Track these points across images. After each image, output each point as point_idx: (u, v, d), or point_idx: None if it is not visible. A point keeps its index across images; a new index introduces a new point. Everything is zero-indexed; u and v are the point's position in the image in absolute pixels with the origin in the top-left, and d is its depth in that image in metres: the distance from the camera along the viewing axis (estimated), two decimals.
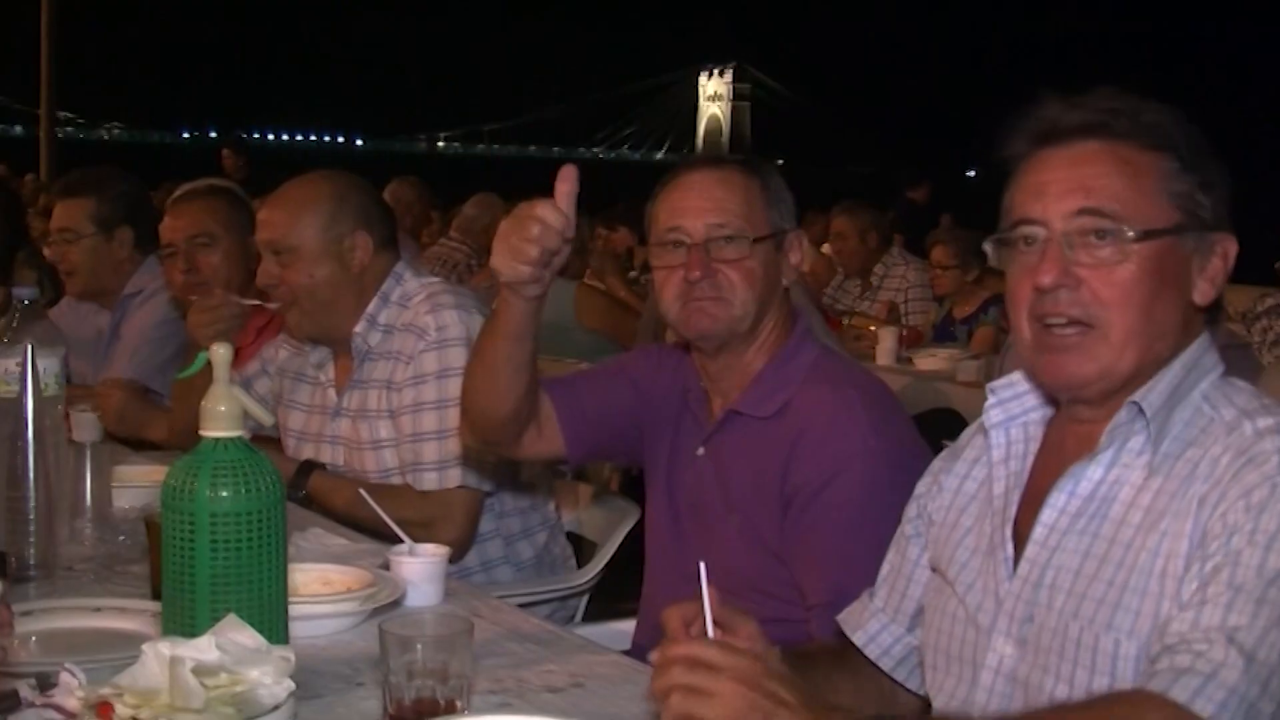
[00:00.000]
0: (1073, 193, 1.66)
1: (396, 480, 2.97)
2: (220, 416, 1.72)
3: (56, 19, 17.15)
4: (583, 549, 3.27)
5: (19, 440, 2.27)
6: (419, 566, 2.23)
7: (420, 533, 2.82)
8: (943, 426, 5.00)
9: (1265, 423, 1.59)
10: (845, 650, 2.03)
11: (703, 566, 1.61)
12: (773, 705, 1.44)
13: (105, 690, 1.46)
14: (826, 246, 11.47)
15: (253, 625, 1.55)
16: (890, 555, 2.00)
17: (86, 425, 2.84)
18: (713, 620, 1.59)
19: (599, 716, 1.77)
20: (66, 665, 1.50)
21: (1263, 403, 1.64)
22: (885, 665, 1.96)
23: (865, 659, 2.00)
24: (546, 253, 2.11)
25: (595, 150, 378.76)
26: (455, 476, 2.89)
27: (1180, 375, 1.66)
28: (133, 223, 4.24)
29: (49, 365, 2.47)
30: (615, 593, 3.09)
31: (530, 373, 2.35)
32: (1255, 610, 1.46)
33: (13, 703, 1.49)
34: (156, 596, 1.96)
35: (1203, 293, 1.68)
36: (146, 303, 4.16)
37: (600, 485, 3.67)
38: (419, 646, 1.64)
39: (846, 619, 2.02)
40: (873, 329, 6.44)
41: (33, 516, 2.29)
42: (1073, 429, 1.75)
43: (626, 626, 2.67)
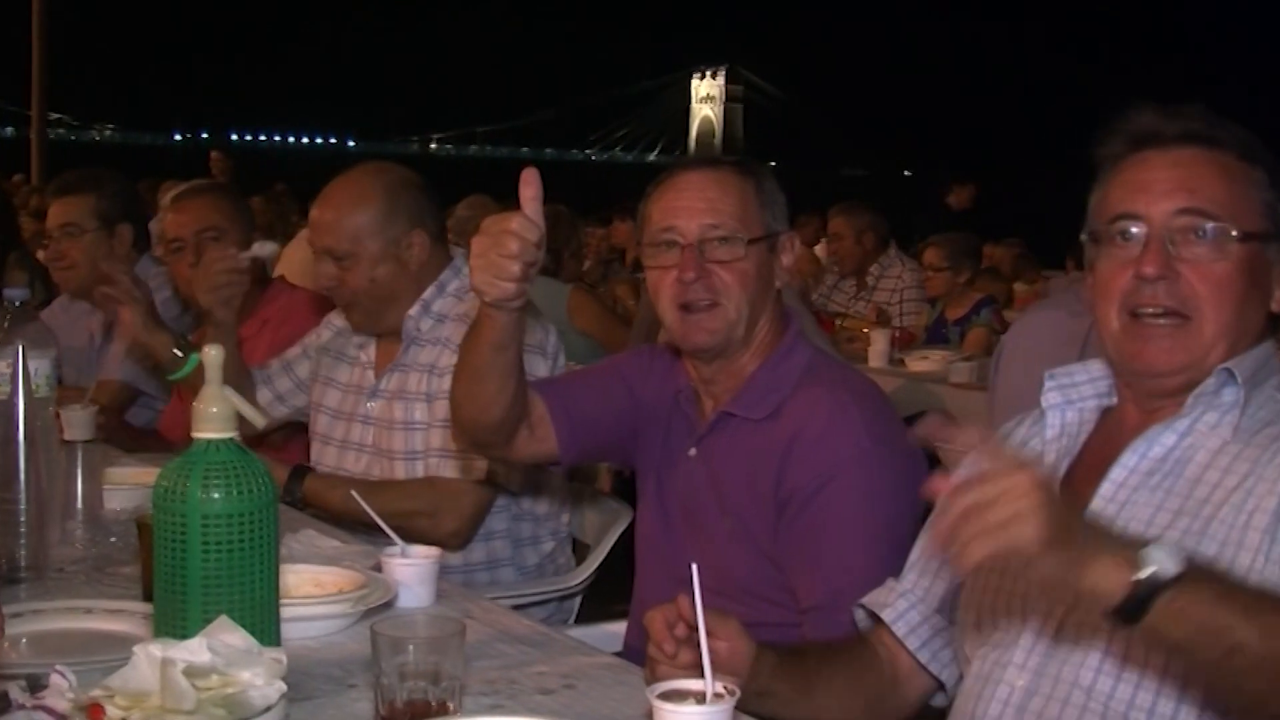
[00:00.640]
0: (1175, 192, 1.73)
1: (421, 464, 2.99)
2: (212, 418, 1.72)
3: (48, 19, 17.12)
4: (575, 550, 3.27)
5: (10, 442, 2.27)
6: (411, 568, 2.23)
7: (424, 522, 2.86)
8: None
9: None
10: (840, 645, 2.04)
11: (695, 569, 1.61)
12: (1064, 511, 1.42)
13: (96, 692, 1.46)
14: (819, 247, 11.50)
15: (244, 627, 1.55)
16: (921, 540, 2.02)
17: (78, 424, 2.83)
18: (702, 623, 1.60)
19: (591, 718, 1.76)
20: (57, 667, 1.49)
21: None
22: (911, 645, 1.97)
23: (864, 651, 2.00)
24: (526, 266, 2.10)
25: (588, 152, 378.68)
26: (482, 469, 2.91)
27: (1260, 361, 1.75)
28: (131, 220, 4.27)
29: (40, 367, 2.47)
30: (608, 594, 3.09)
31: (517, 377, 2.35)
32: None
33: (3, 704, 1.49)
34: (148, 598, 1.96)
35: (1278, 301, 1.78)
36: None
37: (593, 486, 3.67)
38: (411, 648, 1.63)
39: (872, 600, 2.03)
40: (865, 331, 6.45)
41: (23, 518, 2.28)
42: (1141, 413, 1.80)
43: (618, 628, 2.67)
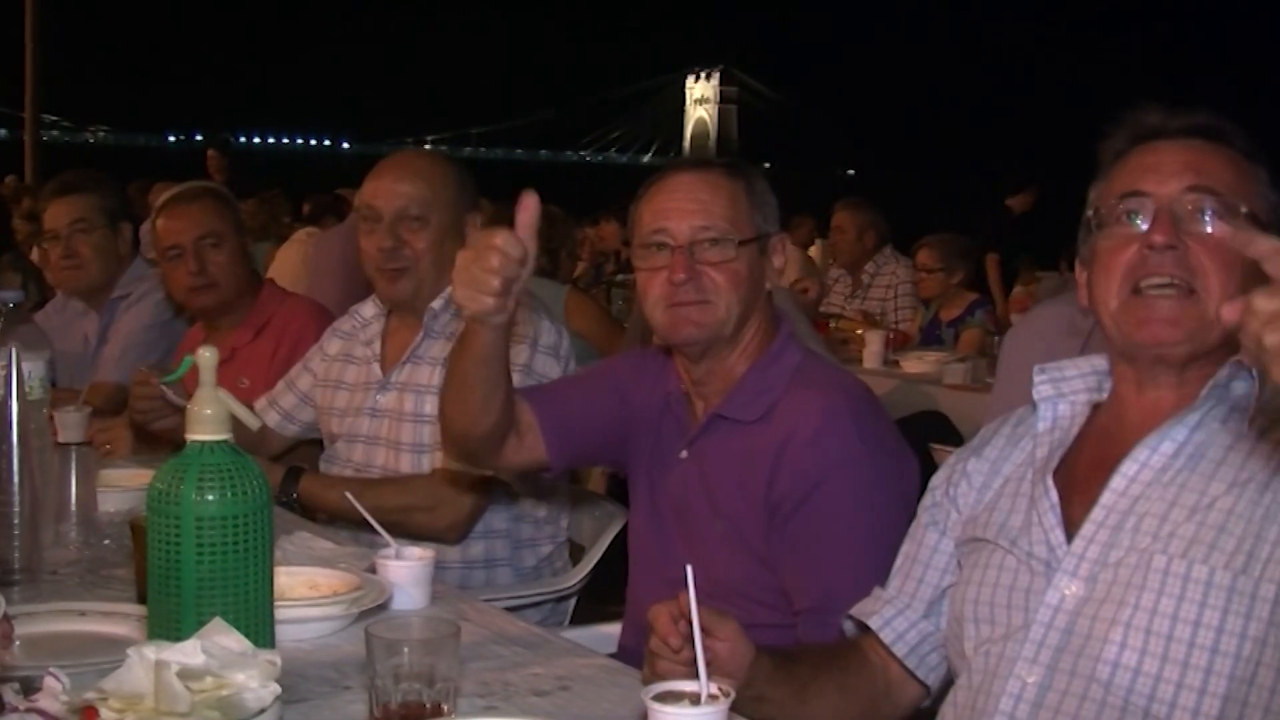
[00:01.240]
0: (1183, 172, 1.75)
1: (428, 456, 3.01)
2: (206, 420, 1.72)
3: (41, 21, 17.09)
4: (570, 552, 3.27)
5: (4, 444, 2.27)
6: (405, 570, 2.23)
7: (422, 516, 2.90)
8: (930, 429, 5.00)
9: None
10: (834, 650, 2.04)
11: (689, 570, 1.61)
12: None
13: (90, 694, 1.45)
14: (814, 249, 11.51)
15: (239, 629, 1.54)
16: (905, 546, 2.03)
17: (72, 426, 2.83)
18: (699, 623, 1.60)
19: (585, 719, 1.77)
20: (51, 669, 1.49)
21: None
22: (899, 651, 1.97)
23: (856, 656, 2.01)
24: (507, 282, 2.10)
25: (582, 153, 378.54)
26: None
27: None
28: (130, 220, 4.29)
29: (34, 369, 2.47)
30: (603, 596, 3.09)
31: (505, 388, 2.35)
32: None
33: None
34: (142, 600, 1.95)
35: None
36: (134, 306, 4.17)
37: (587, 488, 3.67)
38: (405, 650, 1.63)
39: (860, 609, 2.04)
40: (858, 332, 6.45)
41: (17, 520, 2.28)
42: (1141, 401, 1.80)
43: (613, 629, 2.67)
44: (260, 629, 1.70)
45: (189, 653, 1.47)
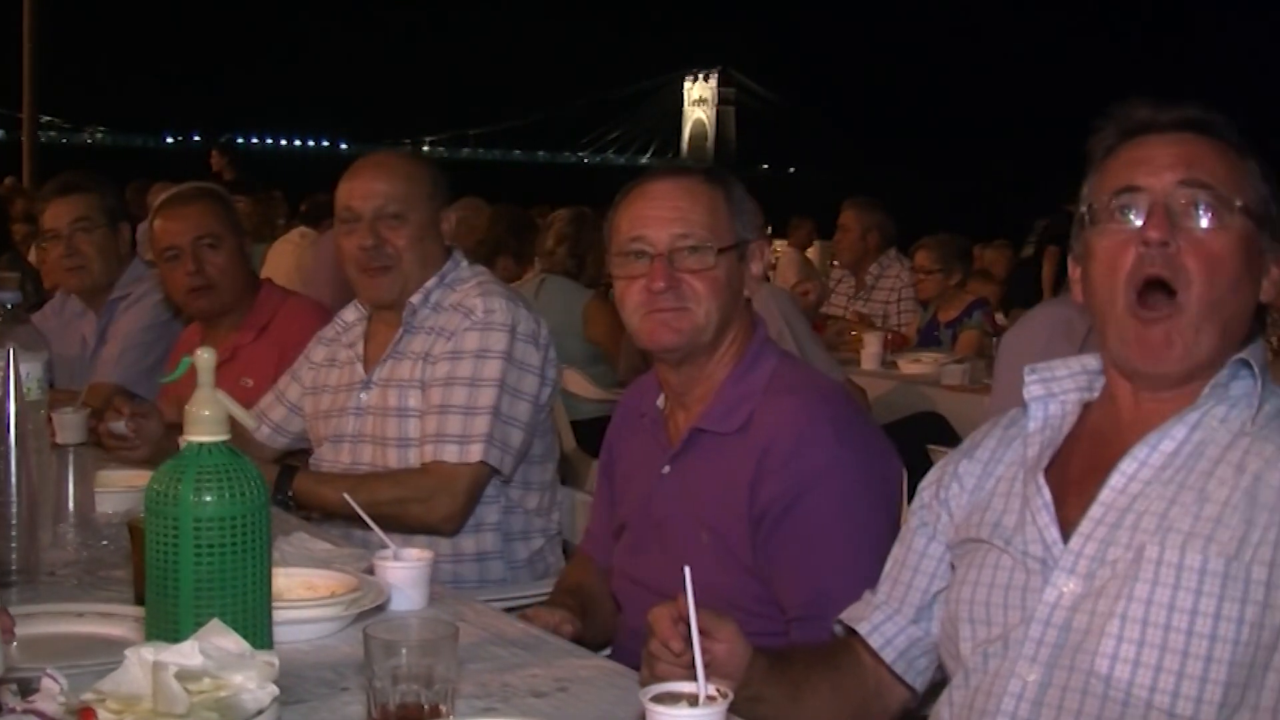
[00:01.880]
0: (1176, 166, 1.74)
1: (415, 451, 3.02)
2: (204, 421, 1.72)
3: (39, 22, 17.09)
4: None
5: (1, 445, 2.26)
6: (403, 571, 2.22)
7: (418, 508, 2.92)
8: (928, 430, 5.01)
9: None
10: (826, 650, 2.04)
11: (688, 571, 1.61)
12: None
13: (88, 696, 1.45)
14: (812, 250, 11.53)
15: (236, 630, 1.54)
16: (894, 551, 2.02)
17: (70, 427, 2.83)
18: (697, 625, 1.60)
19: None
20: (48, 671, 1.49)
21: None
22: (887, 656, 1.97)
23: (848, 657, 2.00)
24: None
25: (580, 154, 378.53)
26: (477, 452, 2.94)
27: (1264, 354, 1.76)
28: (128, 221, 4.29)
29: (31, 370, 2.47)
30: None
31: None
32: None
33: None
34: (140, 601, 1.95)
35: (1266, 292, 1.77)
36: (133, 307, 4.17)
37: (585, 490, 3.66)
38: (403, 651, 1.63)
39: (849, 614, 2.03)
40: (855, 334, 6.46)
41: (15, 521, 2.28)
42: (1139, 404, 1.79)
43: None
44: (258, 630, 1.70)
45: (187, 654, 1.47)
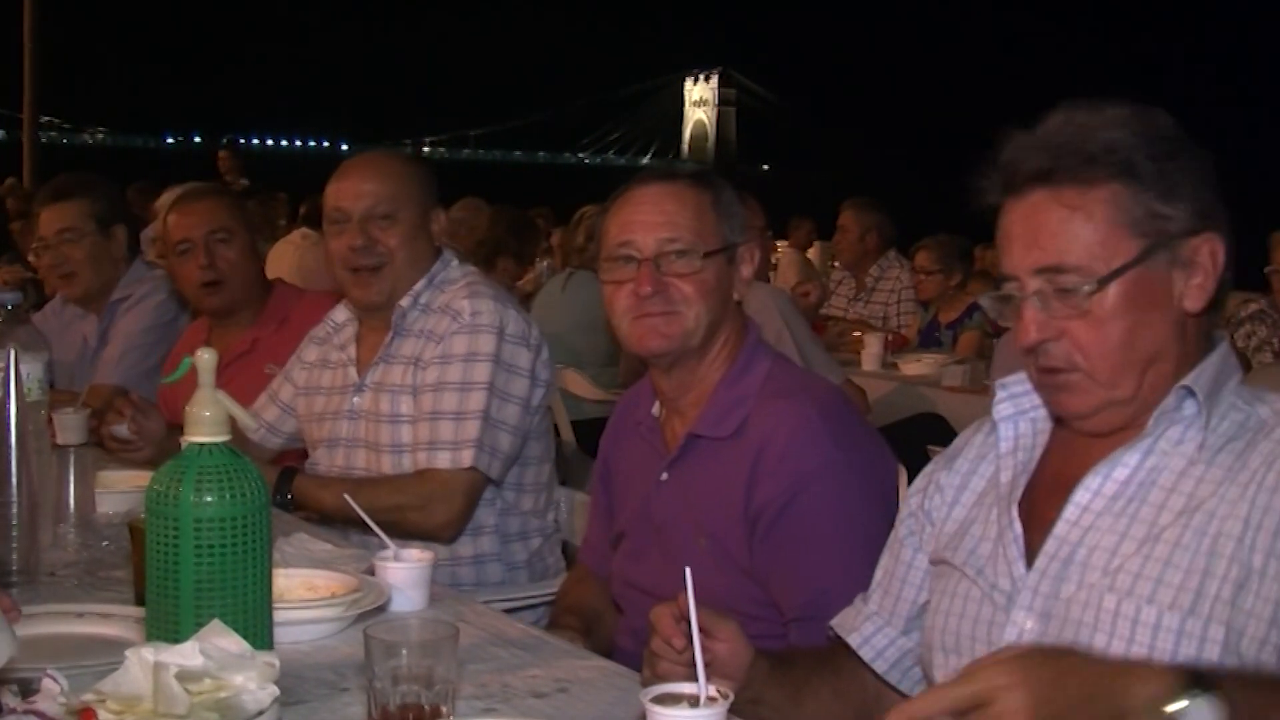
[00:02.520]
0: (1031, 249, 1.68)
1: (409, 456, 3.02)
2: (204, 421, 1.72)
3: (40, 23, 17.10)
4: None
5: (2, 445, 2.27)
6: (404, 572, 2.22)
7: (416, 515, 2.91)
8: (928, 431, 5.00)
9: None
10: (826, 653, 2.03)
11: (688, 572, 1.61)
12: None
13: (88, 696, 1.45)
14: (812, 250, 11.51)
15: (237, 631, 1.54)
16: (884, 560, 2.01)
17: (70, 427, 2.83)
18: (698, 625, 1.59)
19: None
20: (49, 671, 1.49)
21: None
22: (879, 668, 1.96)
23: (848, 661, 2.00)
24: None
25: (581, 155, 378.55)
26: (468, 458, 2.94)
27: (1217, 368, 1.69)
28: (125, 222, 4.27)
29: (32, 370, 2.47)
30: None
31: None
32: None
33: None
34: (140, 602, 1.95)
35: (1194, 299, 1.68)
36: (134, 308, 4.16)
37: (584, 491, 3.67)
38: (404, 652, 1.63)
39: (840, 623, 2.02)
40: (856, 334, 6.46)
41: (15, 521, 2.28)
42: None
43: None
44: (258, 631, 1.70)
45: (187, 654, 1.47)
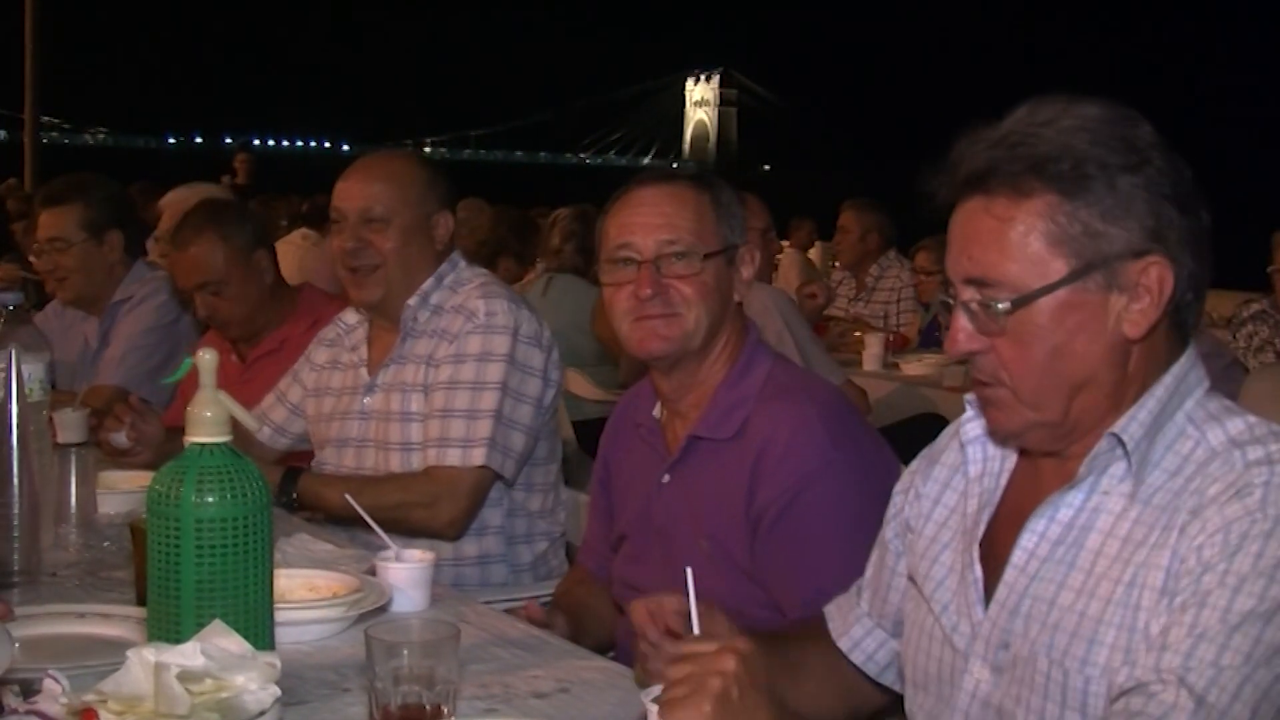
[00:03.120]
0: (960, 258, 1.63)
1: (418, 454, 3.02)
2: (205, 422, 1.72)
3: (40, 23, 17.10)
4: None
5: (3, 446, 2.27)
6: (405, 572, 2.23)
7: (421, 512, 2.91)
8: (929, 431, 4.98)
9: (1256, 453, 1.53)
10: (816, 629, 2.02)
11: (689, 572, 1.61)
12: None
13: (89, 696, 1.45)
14: (813, 251, 11.51)
15: (238, 631, 1.54)
16: (874, 557, 1.99)
17: (71, 427, 2.83)
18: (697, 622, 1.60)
19: None
20: (50, 671, 1.49)
21: (1253, 431, 1.57)
22: (870, 671, 1.95)
23: (833, 645, 1.98)
24: None
25: (582, 155, 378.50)
26: (479, 456, 2.94)
27: (1162, 402, 1.60)
28: (121, 226, 4.24)
29: (34, 370, 2.47)
30: None
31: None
32: (1215, 657, 1.43)
33: None
34: (141, 602, 1.95)
35: (1134, 325, 1.58)
36: (135, 309, 4.16)
37: (586, 492, 3.67)
38: (405, 652, 1.63)
39: (833, 617, 2.01)
40: (858, 335, 6.45)
41: (17, 522, 2.28)
42: (1056, 463, 1.69)
43: None
44: (260, 631, 1.70)
45: (189, 655, 1.47)
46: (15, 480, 2.27)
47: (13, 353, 2.29)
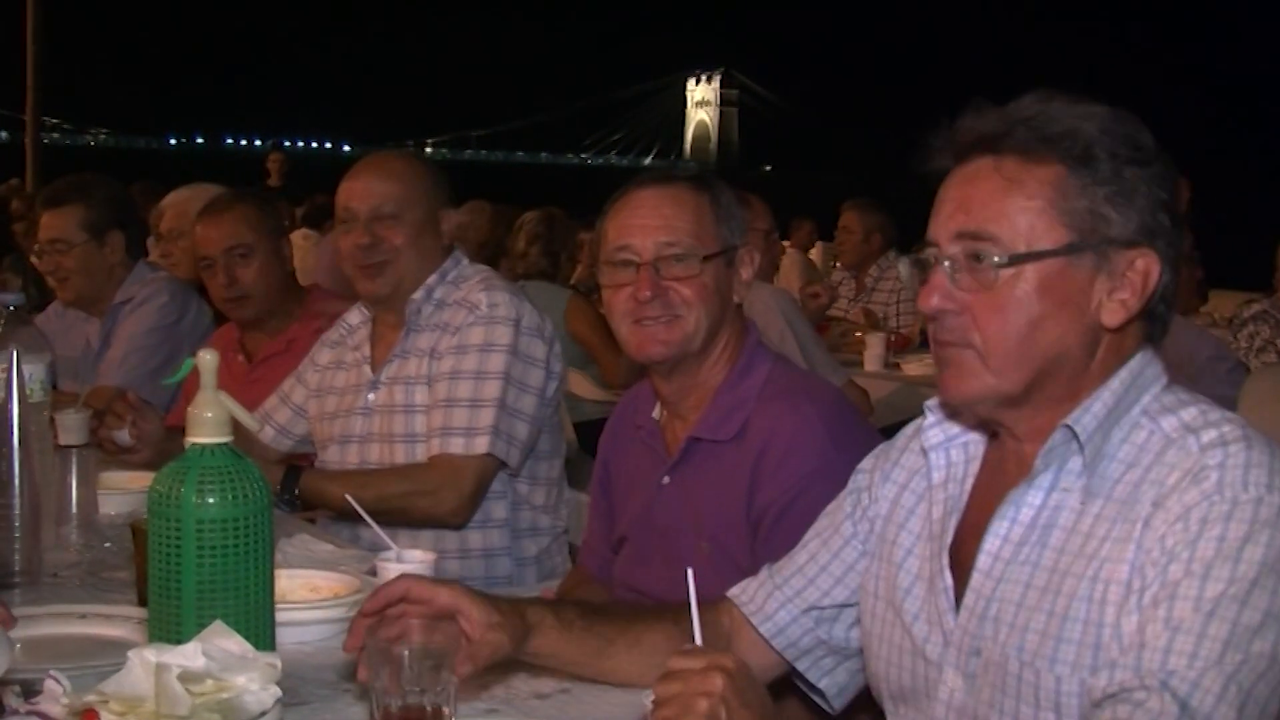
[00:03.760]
0: (955, 214, 1.62)
1: (423, 446, 3.03)
2: (206, 423, 1.72)
3: (42, 23, 17.10)
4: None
5: (4, 446, 2.27)
6: (408, 572, 2.22)
7: (425, 501, 2.93)
8: None
9: (1209, 436, 1.54)
10: (672, 608, 1.94)
11: (690, 573, 1.61)
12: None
13: (90, 697, 1.45)
14: (814, 251, 11.51)
15: (239, 631, 1.54)
16: (811, 545, 1.93)
17: (73, 428, 2.83)
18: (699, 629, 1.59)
19: None
20: (51, 672, 1.49)
21: (1207, 416, 1.58)
22: (790, 655, 1.91)
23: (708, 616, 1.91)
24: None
25: (583, 156, 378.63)
26: (483, 444, 2.95)
27: (1117, 395, 1.60)
28: (122, 226, 4.24)
29: (34, 371, 2.47)
30: None
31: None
32: (1194, 649, 1.43)
33: None
34: (142, 603, 1.96)
35: (1112, 314, 1.60)
36: (137, 310, 4.16)
37: (587, 492, 3.67)
38: (405, 654, 1.63)
39: (746, 602, 1.94)
40: (859, 335, 6.46)
41: (18, 523, 2.28)
42: (1012, 449, 1.70)
43: None
44: (261, 632, 1.70)
45: (190, 655, 1.47)
46: (16, 481, 2.28)
47: (14, 354, 2.29)
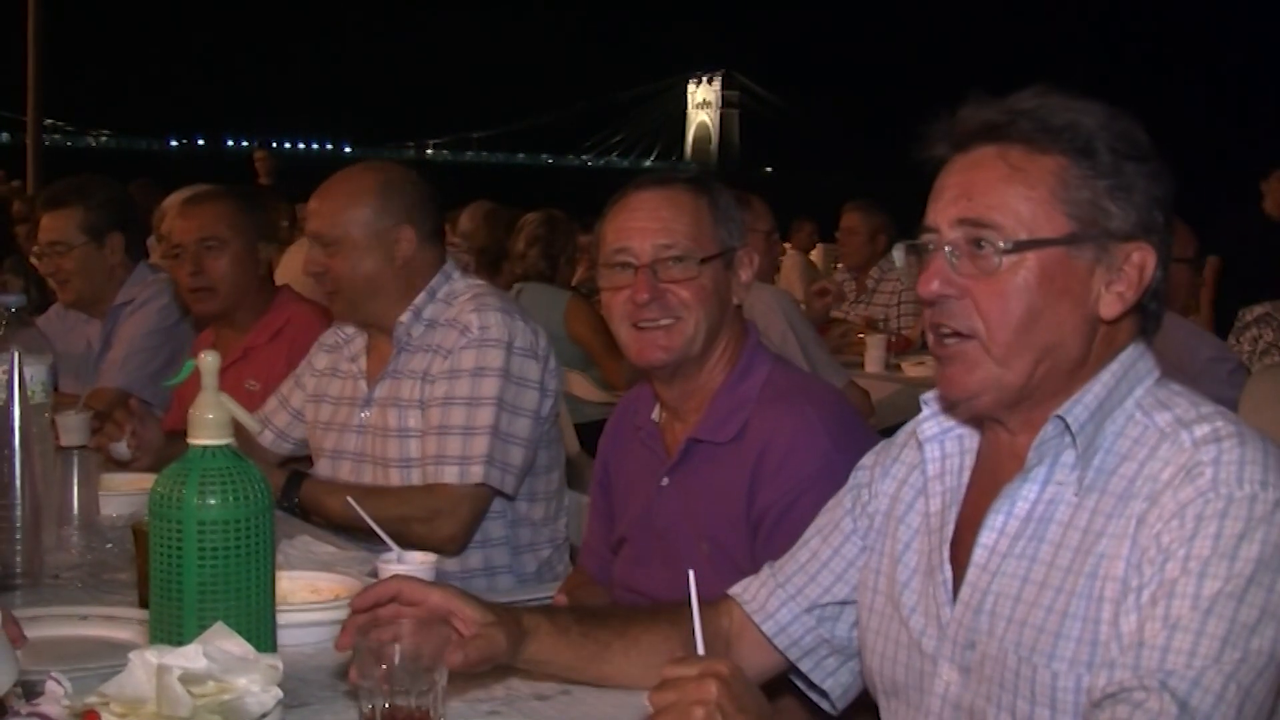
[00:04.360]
0: (958, 200, 1.63)
1: (417, 471, 3.00)
2: (207, 424, 1.72)
3: (44, 25, 17.11)
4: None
5: (5, 448, 2.27)
6: (407, 574, 2.22)
7: (421, 527, 2.88)
8: None
9: (1201, 431, 1.55)
10: (668, 608, 1.97)
11: (691, 574, 1.61)
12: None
13: (92, 699, 1.45)
14: (815, 252, 11.51)
15: (240, 633, 1.55)
16: (813, 541, 1.93)
17: (74, 429, 2.83)
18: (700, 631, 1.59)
19: None
20: (53, 673, 1.49)
21: (1199, 410, 1.59)
22: (793, 655, 1.91)
23: (730, 621, 1.95)
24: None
25: (584, 157, 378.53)
26: (477, 474, 2.92)
27: (1109, 387, 1.61)
28: (122, 228, 4.24)
29: (36, 373, 2.47)
30: None
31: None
32: (1192, 647, 1.43)
33: None
34: (144, 605, 1.96)
35: (1109, 306, 1.61)
36: (137, 312, 4.16)
37: (587, 493, 3.67)
38: (395, 655, 1.63)
39: (748, 600, 1.95)
40: (860, 336, 6.45)
41: (19, 524, 2.28)
42: (1006, 442, 1.70)
43: None
44: (262, 633, 1.71)
45: (191, 657, 1.47)
46: (17, 482, 2.28)
47: (15, 355, 2.29)
